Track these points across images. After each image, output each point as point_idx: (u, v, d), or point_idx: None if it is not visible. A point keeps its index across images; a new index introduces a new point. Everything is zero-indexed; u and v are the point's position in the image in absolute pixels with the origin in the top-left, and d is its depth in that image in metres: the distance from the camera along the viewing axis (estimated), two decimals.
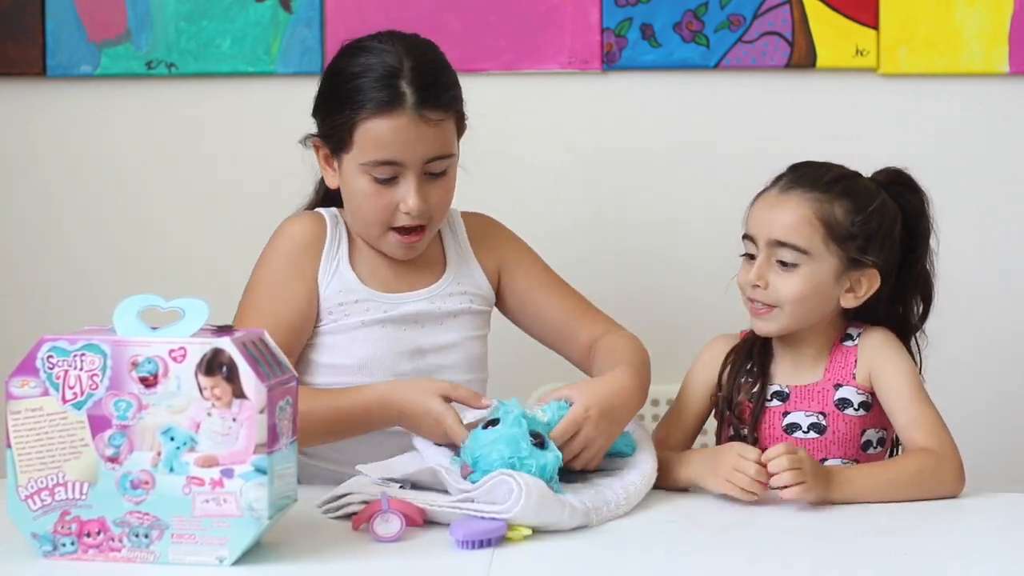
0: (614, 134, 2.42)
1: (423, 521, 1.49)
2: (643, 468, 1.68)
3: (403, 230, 1.79)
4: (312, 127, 1.84)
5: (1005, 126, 2.39)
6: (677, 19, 2.38)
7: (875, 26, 2.36)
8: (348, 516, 1.53)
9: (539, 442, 1.57)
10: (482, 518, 1.46)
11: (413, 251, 1.82)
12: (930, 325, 1.93)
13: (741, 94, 2.40)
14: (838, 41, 2.36)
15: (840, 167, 1.84)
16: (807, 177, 1.80)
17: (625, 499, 1.59)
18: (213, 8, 2.41)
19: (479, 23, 2.40)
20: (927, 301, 1.89)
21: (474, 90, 2.42)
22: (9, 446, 1.37)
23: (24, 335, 1.61)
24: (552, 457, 1.57)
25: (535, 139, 2.43)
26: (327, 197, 1.91)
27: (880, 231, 1.79)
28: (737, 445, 1.69)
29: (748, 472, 1.62)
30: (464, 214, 1.95)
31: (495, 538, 1.43)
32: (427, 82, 1.77)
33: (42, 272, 2.46)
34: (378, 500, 1.47)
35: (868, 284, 1.79)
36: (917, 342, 1.88)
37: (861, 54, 2.36)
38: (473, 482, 1.53)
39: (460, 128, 1.84)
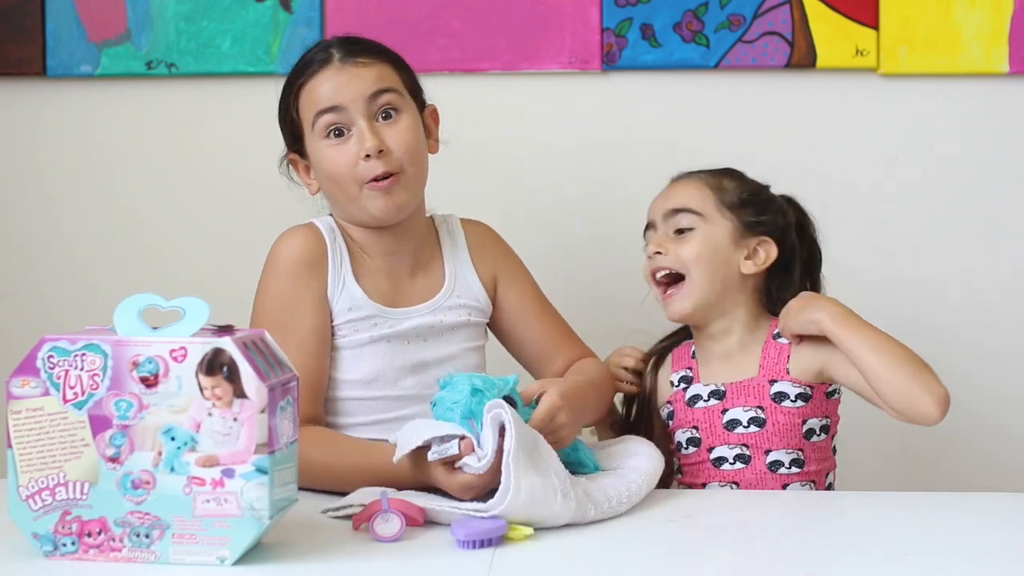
0: (614, 134, 2.42)
1: (423, 521, 1.49)
2: (645, 468, 1.68)
3: (375, 180, 1.79)
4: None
5: (1005, 126, 2.39)
6: (677, 19, 2.38)
7: (875, 26, 2.36)
8: (348, 516, 1.53)
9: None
10: (482, 518, 1.46)
11: (394, 202, 1.80)
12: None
13: (741, 94, 2.40)
14: (838, 41, 2.36)
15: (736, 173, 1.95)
16: (695, 170, 1.93)
17: (627, 497, 1.59)
18: (213, 8, 2.41)
19: (479, 23, 2.40)
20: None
21: (474, 90, 2.43)
22: (10, 446, 1.37)
23: (24, 335, 1.61)
24: (512, 380, 1.61)
25: (535, 139, 2.43)
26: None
27: (771, 204, 1.90)
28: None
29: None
30: (464, 221, 1.95)
31: (495, 538, 1.43)
32: (352, 41, 1.84)
33: (42, 272, 2.46)
34: (378, 500, 1.47)
35: (765, 253, 1.87)
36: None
37: (861, 54, 2.36)
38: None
39: (407, 81, 1.86)
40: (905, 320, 2.38)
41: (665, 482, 1.85)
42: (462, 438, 1.55)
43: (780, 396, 1.80)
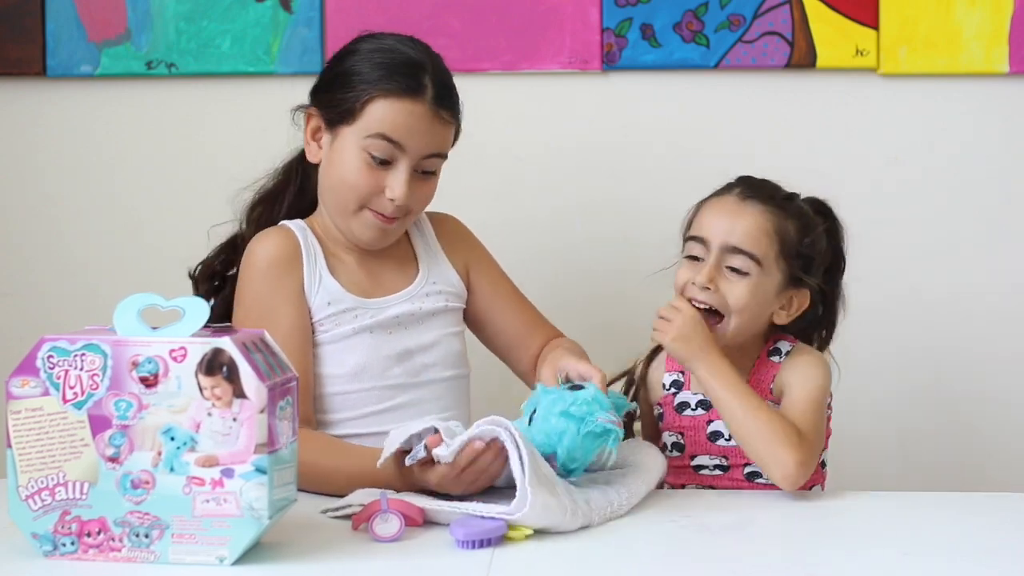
0: (614, 134, 2.42)
1: (423, 521, 1.49)
2: (645, 467, 1.69)
3: (381, 214, 1.80)
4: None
5: (1005, 126, 2.39)
6: (677, 19, 2.38)
7: (875, 26, 2.36)
8: (348, 516, 1.53)
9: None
10: (482, 518, 1.46)
11: (383, 237, 1.83)
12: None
13: (741, 94, 2.40)
14: (838, 41, 2.36)
15: (782, 188, 1.87)
16: (762, 190, 1.83)
17: (627, 498, 1.60)
18: (213, 8, 2.41)
19: (479, 23, 2.40)
20: (830, 328, 1.93)
21: (474, 90, 2.42)
22: (9, 446, 1.37)
23: (24, 335, 1.61)
24: (599, 395, 1.63)
25: (535, 139, 2.43)
26: (280, 191, 1.92)
27: (820, 254, 1.84)
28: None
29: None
30: (429, 214, 1.96)
31: (495, 538, 1.43)
32: (445, 84, 1.82)
33: (42, 272, 2.46)
34: (377, 500, 1.47)
35: (799, 303, 1.83)
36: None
37: (861, 54, 2.36)
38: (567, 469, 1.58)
39: (455, 138, 1.88)
40: (904, 320, 2.39)
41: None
42: (435, 431, 1.56)
43: None
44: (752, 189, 1.83)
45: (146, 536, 1.36)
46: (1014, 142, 2.39)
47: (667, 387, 1.88)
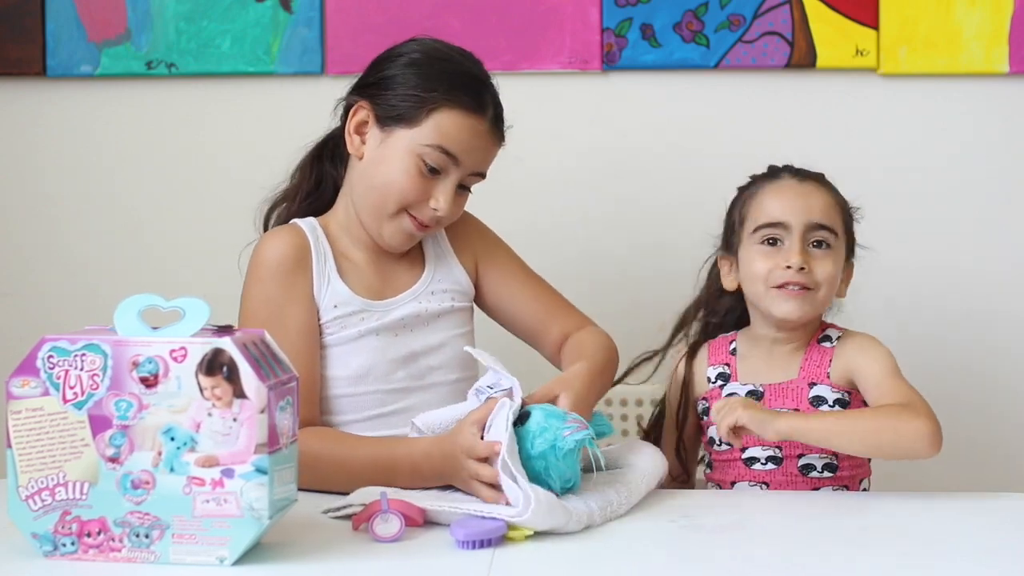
0: (614, 134, 2.42)
1: (423, 521, 1.49)
2: (644, 467, 1.69)
3: (419, 220, 1.80)
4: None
5: (1005, 126, 2.39)
6: (677, 19, 2.38)
7: (875, 26, 2.36)
8: (348, 516, 1.53)
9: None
10: (482, 518, 1.46)
11: (410, 242, 1.84)
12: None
13: (741, 94, 2.40)
14: (838, 41, 2.36)
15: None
16: (807, 172, 1.88)
17: (627, 497, 1.60)
18: (213, 8, 2.41)
19: (479, 23, 2.40)
20: None
21: None
22: (9, 446, 1.37)
23: (24, 335, 1.61)
24: (550, 414, 1.60)
25: (535, 139, 2.42)
26: (311, 187, 1.91)
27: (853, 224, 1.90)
28: None
29: None
30: None
31: (495, 538, 1.43)
32: (500, 105, 1.86)
33: (42, 272, 2.46)
34: (378, 500, 1.47)
35: (848, 275, 1.88)
36: None
37: (861, 54, 2.36)
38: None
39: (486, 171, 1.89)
40: (904, 320, 2.39)
41: (688, 478, 1.85)
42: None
43: (818, 400, 1.79)
44: (800, 172, 1.88)
45: (146, 536, 1.36)
46: (1014, 142, 2.39)
47: (713, 380, 1.88)
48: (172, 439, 1.35)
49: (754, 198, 1.87)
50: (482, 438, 1.57)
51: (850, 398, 1.80)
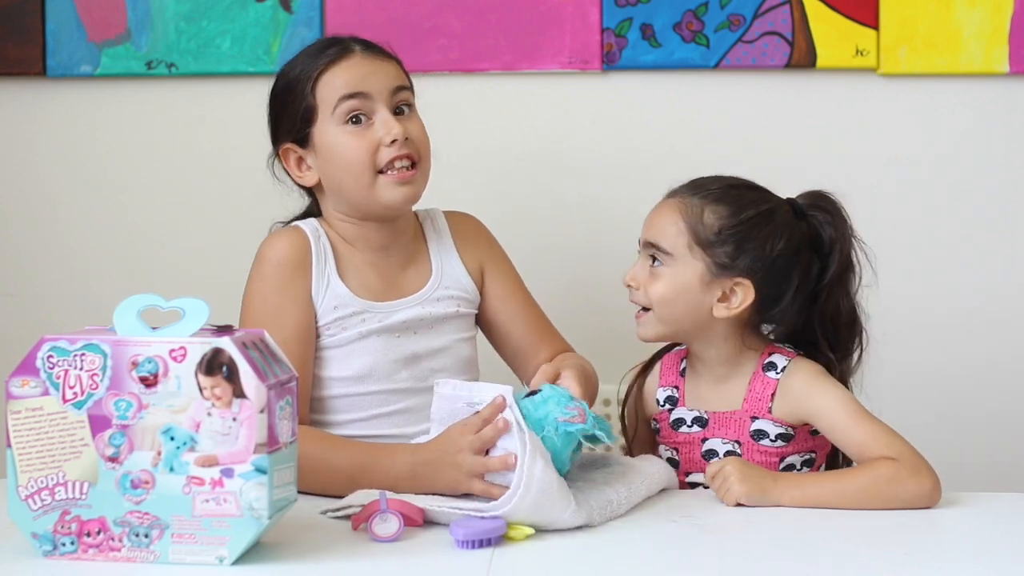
0: (614, 134, 2.42)
1: (422, 521, 1.49)
2: (647, 470, 1.69)
3: (394, 167, 1.80)
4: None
5: (1005, 126, 2.39)
6: (677, 19, 2.38)
7: (875, 26, 2.36)
8: (347, 516, 1.53)
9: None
10: (482, 518, 1.46)
11: (412, 192, 1.82)
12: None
13: (741, 94, 2.40)
14: (838, 41, 2.36)
15: (740, 179, 1.82)
16: (697, 183, 1.81)
17: (627, 497, 1.60)
18: (213, 8, 2.41)
19: (479, 23, 2.40)
20: (851, 332, 1.82)
21: (474, 90, 2.43)
22: (9, 446, 1.37)
23: (24, 335, 1.61)
24: (560, 391, 1.60)
25: (535, 139, 2.43)
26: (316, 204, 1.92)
27: (753, 240, 1.75)
28: None
29: None
30: (448, 213, 1.95)
31: (495, 538, 1.43)
32: (368, 42, 1.87)
33: (42, 272, 2.46)
34: (377, 500, 1.47)
35: (742, 295, 1.75)
36: (845, 382, 1.81)
37: (861, 54, 2.36)
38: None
39: (410, 85, 1.89)
40: (903, 319, 2.39)
41: None
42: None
43: (759, 434, 1.75)
44: (686, 184, 1.82)
45: (146, 536, 1.36)
46: (1014, 142, 2.39)
47: (661, 403, 1.85)
48: (172, 439, 1.35)
49: None
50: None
51: (795, 432, 1.75)
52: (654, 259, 1.77)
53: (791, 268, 1.77)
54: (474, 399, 1.60)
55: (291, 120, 1.84)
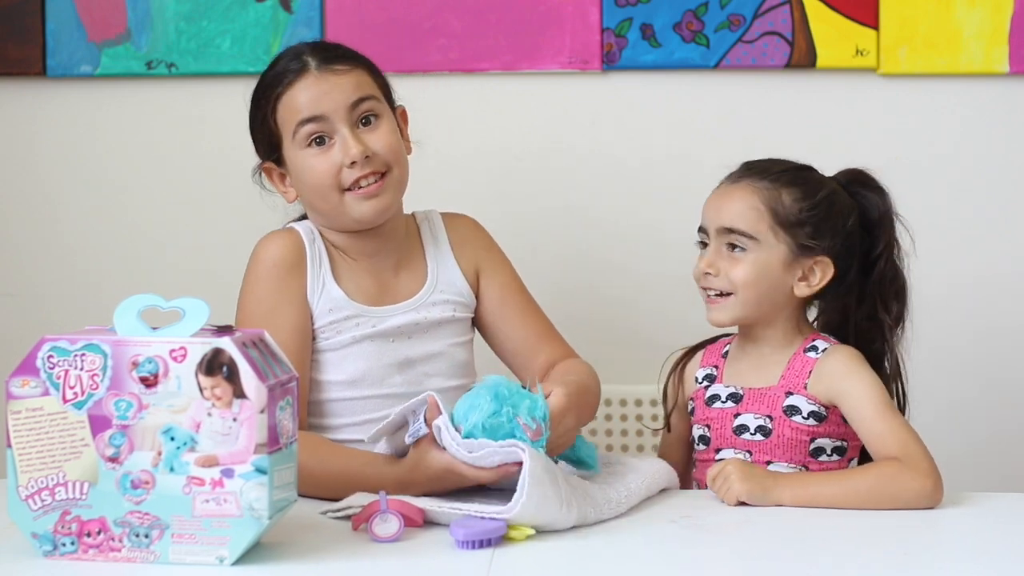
0: (614, 134, 2.42)
1: (422, 522, 1.49)
2: (645, 470, 1.69)
3: (359, 185, 1.79)
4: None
5: (1005, 126, 2.39)
6: (677, 19, 2.38)
7: (875, 26, 2.36)
8: (348, 517, 1.53)
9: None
10: (482, 518, 1.46)
11: (380, 208, 1.81)
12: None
13: (741, 94, 2.40)
14: (838, 41, 2.36)
15: (792, 162, 1.87)
16: (756, 168, 1.85)
17: (626, 497, 1.60)
18: (213, 8, 2.41)
19: (479, 23, 2.40)
20: (900, 300, 1.88)
21: (474, 90, 2.43)
22: (9, 446, 1.37)
23: (24, 335, 1.61)
24: (541, 400, 1.58)
25: (535, 139, 2.43)
26: None
27: (830, 219, 1.82)
28: None
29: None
30: (445, 216, 1.95)
31: (495, 538, 1.43)
32: (325, 47, 1.85)
33: (42, 272, 2.46)
34: (377, 500, 1.47)
35: (821, 273, 1.81)
36: (894, 352, 1.85)
37: (861, 54, 2.36)
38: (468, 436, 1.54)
39: (382, 85, 1.86)
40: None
41: (681, 470, 1.85)
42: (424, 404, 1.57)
43: (792, 410, 1.77)
44: (745, 169, 1.85)
45: (146, 536, 1.36)
46: (1014, 142, 2.39)
47: (699, 380, 1.88)
48: (172, 439, 1.35)
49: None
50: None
51: (827, 414, 1.77)
52: (733, 245, 1.80)
53: (856, 242, 1.84)
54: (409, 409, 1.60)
55: (263, 142, 1.85)
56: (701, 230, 1.84)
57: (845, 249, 1.83)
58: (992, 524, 1.58)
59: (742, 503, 1.63)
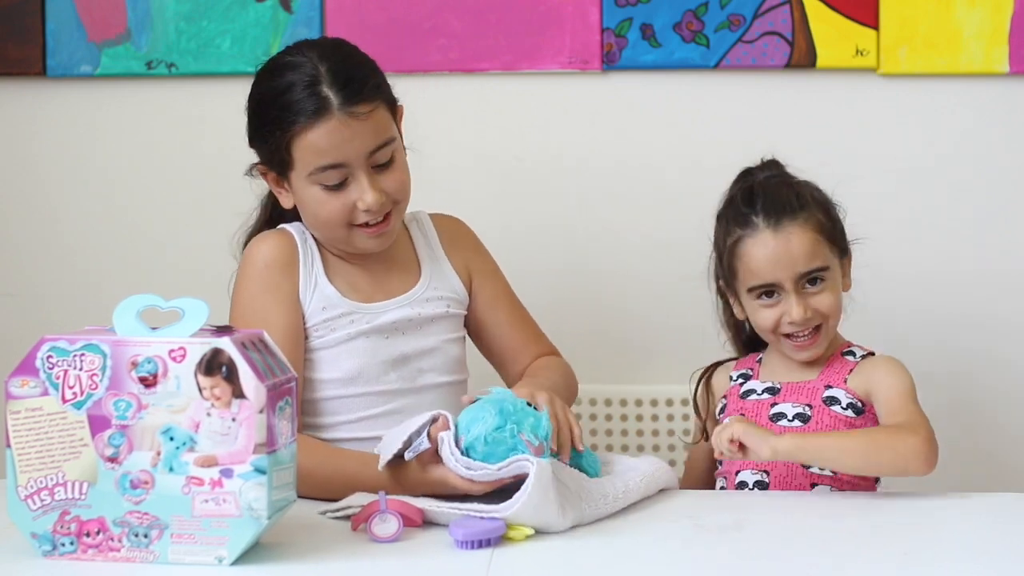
0: (614, 134, 2.42)
1: (422, 522, 1.49)
2: (643, 469, 1.69)
3: (367, 224, 1.78)
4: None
5: (1005, 126, 2.39)
6: (677, 19, 2.38)
7: (875, 26, 2.36)
8: (347, 517, 1.53)
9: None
10: (481, 518, 1.46)
11: (386, 239, 1.81)
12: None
13: (741, 94, 2.40)
14: (838, 41, 2.36)
15: (788, 176, 1.91)
16: (778, 204, 1.84)
17: (623, 493, 1.59)
18: (213, 8, 2.41)
19: (479, 23, 2.40)
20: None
21: (474, 90, 2.43)
22: (9, 446, 1.37)
23: (24, 335, 1.61)
24: (545, 419, 1.58)
25: (535, 139, 2.43)
26: (276, 213, 1.90)
27: (839, 220, 1.91)
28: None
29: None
30: (433, 216, 1.95)
31: (494, 538, 1.43)
32: (346, 79, 1.75)
33: (42, 272, 2.46)
34: (376, 500, 1.47)
35: (850, 264, 1.90)
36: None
37: (861, 54, 2.36)
38: (466, 452, 1.54)
39: (394, 111, 1.83)
40: (903, 319, 2.39)
41: (707, 479, 1.86)
42: (433, 421, 1.56)
43: (831, 400, 1.80)
44: (772, 210, 1.83)
45: (145, 536, 1.36)
46: (1014, 142, 2.39)
47: (733, 379, 1.90)
48: (171, 439, 1.35)
49: (737, 254, 1.84)
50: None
51: (865, 408, 1.80)
52: (811, 282, 1.82)
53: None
54: (413, 426, 1.60)
55: (270, 158, 1.80)
56: (764, 288, 1.82)
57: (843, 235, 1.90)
58: (992, 524, 1.58)
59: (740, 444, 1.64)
